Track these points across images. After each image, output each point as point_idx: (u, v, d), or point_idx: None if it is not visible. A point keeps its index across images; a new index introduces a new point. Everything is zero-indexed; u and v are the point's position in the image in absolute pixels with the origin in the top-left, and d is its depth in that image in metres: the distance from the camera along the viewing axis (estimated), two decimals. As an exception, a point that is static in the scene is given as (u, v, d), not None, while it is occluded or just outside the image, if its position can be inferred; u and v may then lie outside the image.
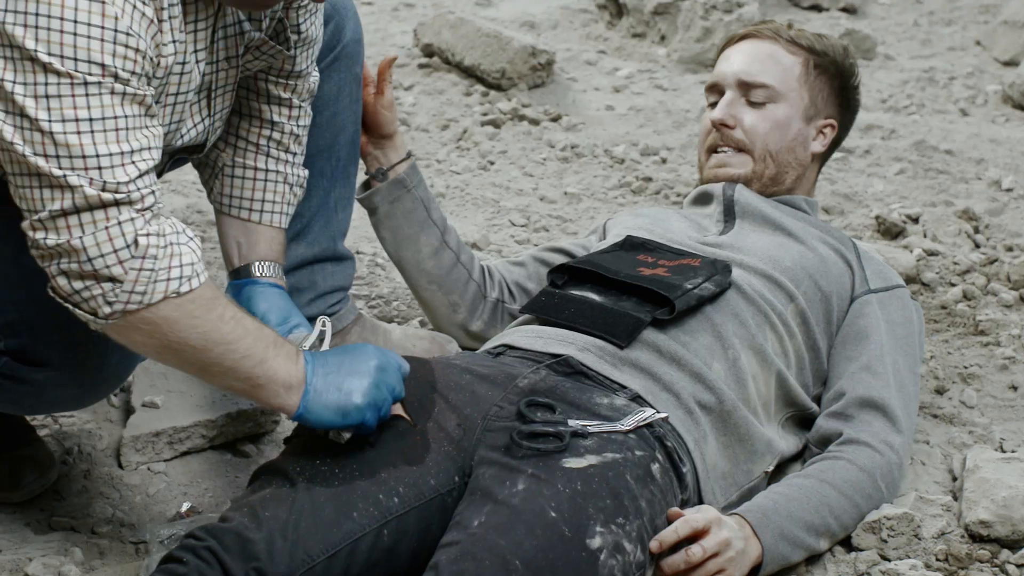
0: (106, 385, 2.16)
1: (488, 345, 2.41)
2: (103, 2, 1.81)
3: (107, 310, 1.89)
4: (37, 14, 1.78)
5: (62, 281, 1.89)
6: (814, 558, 2.25)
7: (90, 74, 1.82)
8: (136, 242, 1.87)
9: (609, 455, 2.07)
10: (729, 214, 2.61)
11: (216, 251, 3.24)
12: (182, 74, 2.03)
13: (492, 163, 3.85)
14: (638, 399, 2.21)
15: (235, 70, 2.17)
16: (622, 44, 4.84)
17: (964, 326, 3.00)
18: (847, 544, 2.28)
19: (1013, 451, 2.51)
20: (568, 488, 2.00)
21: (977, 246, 3.37)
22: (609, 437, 2.10)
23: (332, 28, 2.46)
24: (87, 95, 1.83)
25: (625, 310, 2.32)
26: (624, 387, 2.22)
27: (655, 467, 2.11)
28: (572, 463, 2.04)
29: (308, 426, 2.04)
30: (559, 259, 2.66)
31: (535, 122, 4.10)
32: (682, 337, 2.31)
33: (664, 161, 3.89)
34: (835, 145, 2.74)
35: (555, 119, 4.14)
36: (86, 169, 1.84)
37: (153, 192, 1.90)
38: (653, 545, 2.05)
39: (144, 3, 1.86)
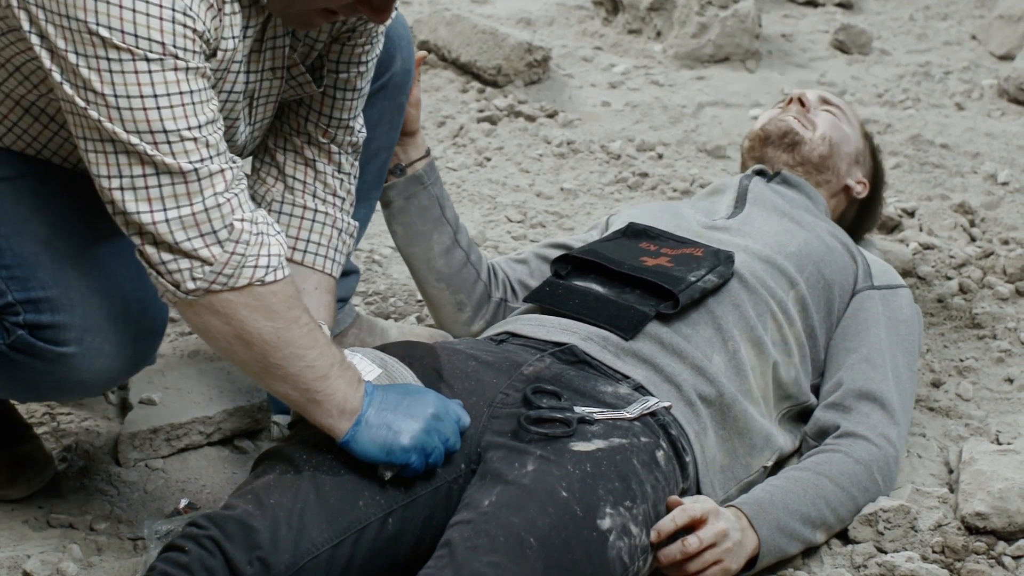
0: (115, 376, 2.16)
1: (491, 332, 2.41)
2: None
3: (190, 285, 1.91)
4: None
5: (150, 250, 1.90)
6: (811, 550, 2.26)
7: (151, 51, 1.83)
8: (232, 225, 1.90)
9: (616, 440, 2.08)
10: (741, 201, 2.65)
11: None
12: (238, 73, 2.04)
13: (488, 159, 3.85)
14: (641, 389, 2.22)
15: (279, 81, 2.16)
16: (618, 40, 4.84)
17: (960, 319, 3.00)
18: (844, 536, 2.29)
19: (1009, 443, 2.51)
20: (578, 469, 2.01)
21: (973, 240, 3.37)
22: (615, 424, 2.11)
23: (382, 56, 2.44)
24: (150, 72, 1.84)
25: (629, 303, 2.32)
26: (627, 377, 2.23)
27: (660, 454, 2.12)
28: (580, 446, 2.05)
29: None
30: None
31: (531, 118, 4.10)
32: (684, 330, 2.31)
33: (660, 157, 3.89)
34: (863, 212, 2.85)
35: (551, 115, 4.14)
36: (155, 144, 1.85)
37: (231, 167, 1.92)
38: (652, 535, 2.05)
39: None
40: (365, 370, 2.09)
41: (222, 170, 1.90)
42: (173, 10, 1.84)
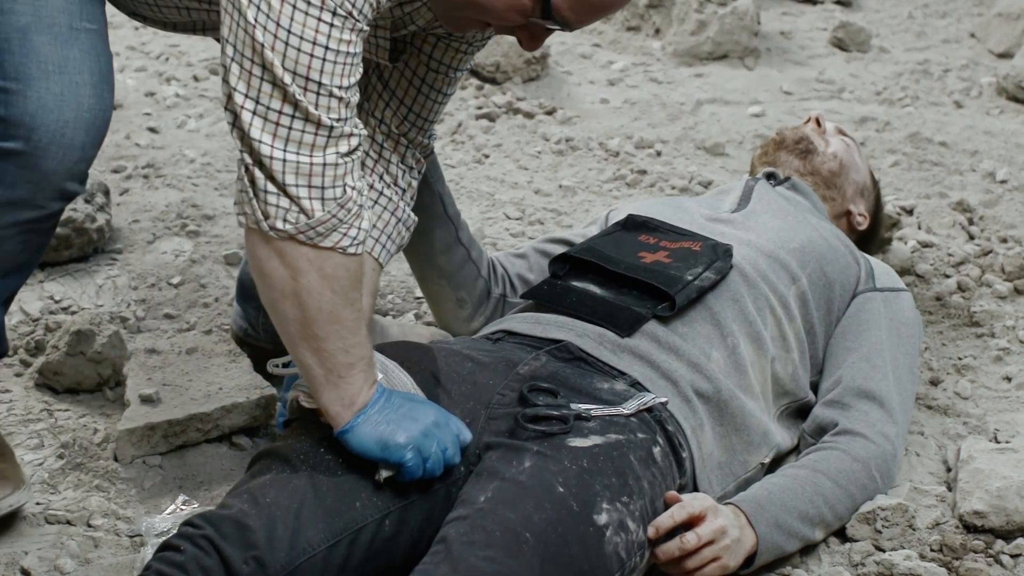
0: (69, 169, 2.04)
1: (487, 330, 2.41)
2: None
3: (280, 225, 1.91)
4: None
5: (258, 174, 1.90)
6: (808, 548, 2.26)
7: (341, 7, 1.85)
8: (343, 189, 1.90)
9: (613, 436, 2.08)
10: (745, 199, 2.66)
11: (211, 244, 3.24)
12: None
13: (487, 156, 3.85)
14: (637, 385, 2.22)
15: (388, 43, 2.18)
16: (616, 37, 4.84)
17: (959, 317, 3.00)
18: (841, 534, 2.29)
19: (1007, 442, 2.51)
20: (575, 465, 2.01)
21: (971, 238, 3.37)
22: (612, 420, 2.11)
23: None
24: (332, 24, 1.86)
25: (627, 304, 2.32)
26: (623, 373, 2.23)
27: (656, 450, 2.12)
28: (577, 443, 2.05)
29: (350, 450, 2.02)
30: (560, 250, 2.66)
31: (530, 115, 4.09)
32: (681, 328, 2.31)
33: (659, 154, 3.89)
34: (859, 246, 2.84)
35: (550, 112, 4.14)
36: (306, 90, 1.86)
37: (359, 134, 1.93)
38: (650, 531, 2.05)
39: None
40: None
41: (352, 134, 1.92)
42: None
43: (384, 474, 2.01)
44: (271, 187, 1.90)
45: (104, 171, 3.58)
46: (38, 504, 2.34)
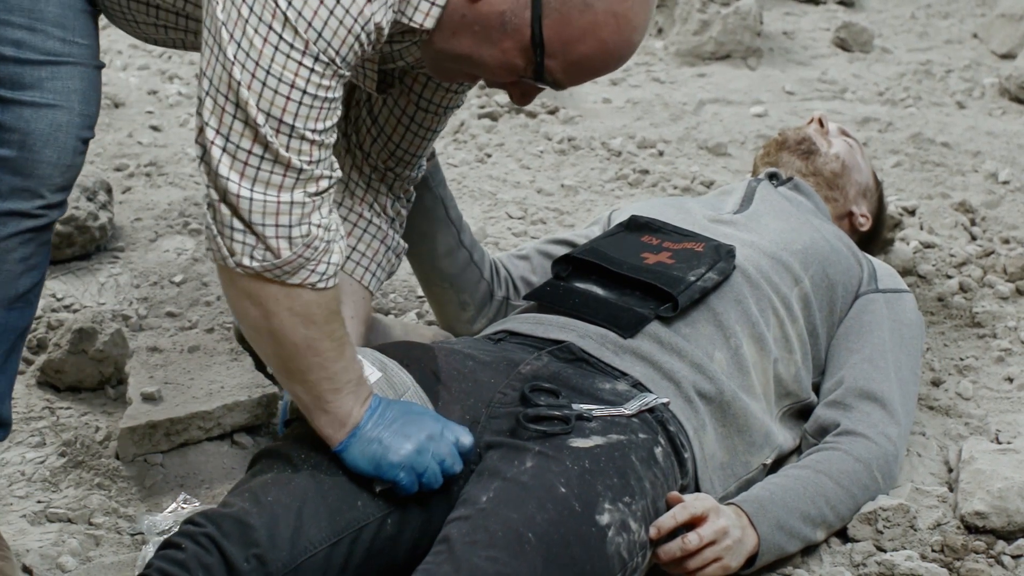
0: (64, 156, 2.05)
1: (489, 331, 2.41)
2: None
3: (246, 261, 1.89)
4: None
5: (223, 211, 1.87)
6: (810, 549, 2.26)
7: (324, 54, 1.82)
8: (308, 232, 1.88)
9: (614, 436, 2.08)
10: (748, 200, 2.66)
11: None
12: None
13: (489, 156, 3.85)
14: (639, 386, 2.22)
15: (374, 74, 2.16)
16: (619, 37, 4.84)
17: (960, 318, 3.00)
18: (843, 535, 2.29)
19: (1009, 442, 2.51)
20: (576, 466, 2.01)
21: (973, 238, 3.37)
22: (613, 420, 2.11)
23: None
24: (312, 69, 1.82)
25: (629, 305, 2.32)
26: (625, 374, 2.23)
27: (658, 450, 2.12)
28: (579, 443, 2.05)
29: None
30: (563, 251, 2.66)
31: (532, 115, 4.10)
32: (684, 329, 2.31)
33: (661, 154, 3.89)
34: (861, 247, 2.84)
35: (552, 112, 4.14)
36: (278, 132, 1.83)
37: (331, 177, 1.90)
38: (652, 531, 2.05)
39: None
40: (365, 372, 2.09)
41: (323, 176, 1.89)
42: (363, 28, 1.82)
43: (379, 487, 2.02)
44: (237, 224, 1.88)
45: (106, 169, 3.58)
46: (39, 502, 2.35)
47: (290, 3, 1.79)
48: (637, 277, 2.35)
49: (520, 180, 3.71)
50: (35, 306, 2.10)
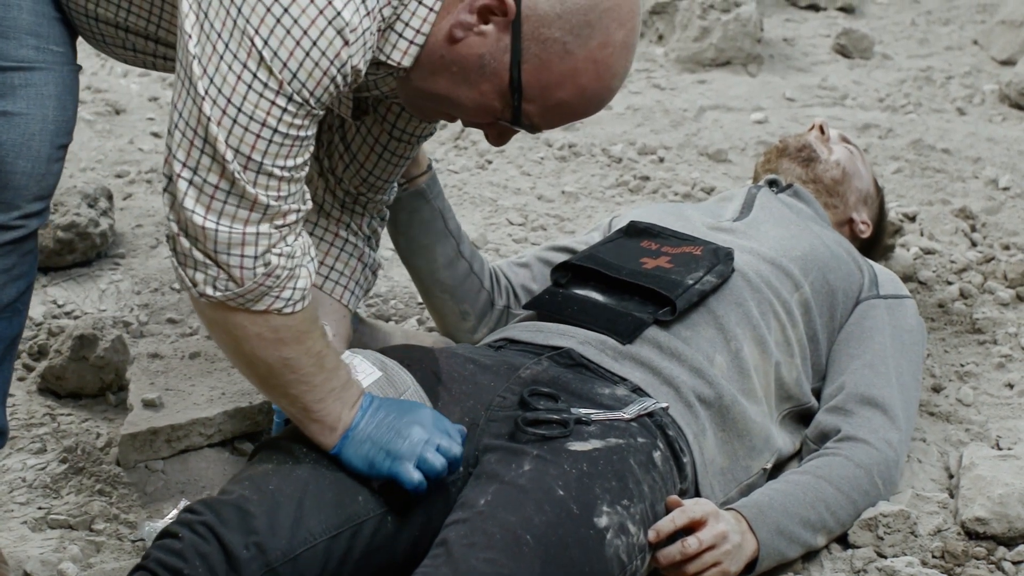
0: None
1: (489, 339, 2.42)
2: (345, 41, 1.79)
3: (209, 291, 1.89)
4: (282, 12, 1.76)
5: (184, 242, 1.87)
6: (810, 555, 2.26)
7: (298, 95, 1.80)
8: (268, 261, 1.87)
9: (613, 440, 2.08)
10: (747, 207, 2.66)
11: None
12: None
13: (490, 162, 3.85)
14: (638, 391, 2.22)
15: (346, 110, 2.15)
16: (620, 44, 4.84)
17: (961, 324, 3.00)
18: (843, 541, 2.29)
19: (1009, 448, 2.51)
20: (574, 469, 2.01)
21: (974, 244, 3.38)
22: (612, 424, 2.11)
23: None
24: (285, 109, 1.81)
25: (628, 310, 2.33)
26: (624, 379, 2.23)
27: (657, 454, 2.12)
28: (577, 446, 2.05)
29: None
30: (563, 258, 2.66)
31: (533, 121, 4.10)
32: (683, 333, 2.32)
33: (661, 160, 3.90)
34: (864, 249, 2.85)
35: (553, 118, 4.14)
36: (246, 169, 1.82)
37: (299, 210, 1.89)
38: (651, 535, 2.05)
39: (372, 34, 1.83)
40: (365, 372, 2.09)
41: (290, 211, 1.88)
42: (339, 70, 1.81)
43: (378, 484, 2.02)
44: (197, 255, 1.88)
45: (107, 176, 3.58)
46: (40, 509, 2.35)
47: (266, 42, 1.77)
48: (636, 282, 2.36)
49: (521, 186, 3.71)
50: (24, 313, 2.10)
